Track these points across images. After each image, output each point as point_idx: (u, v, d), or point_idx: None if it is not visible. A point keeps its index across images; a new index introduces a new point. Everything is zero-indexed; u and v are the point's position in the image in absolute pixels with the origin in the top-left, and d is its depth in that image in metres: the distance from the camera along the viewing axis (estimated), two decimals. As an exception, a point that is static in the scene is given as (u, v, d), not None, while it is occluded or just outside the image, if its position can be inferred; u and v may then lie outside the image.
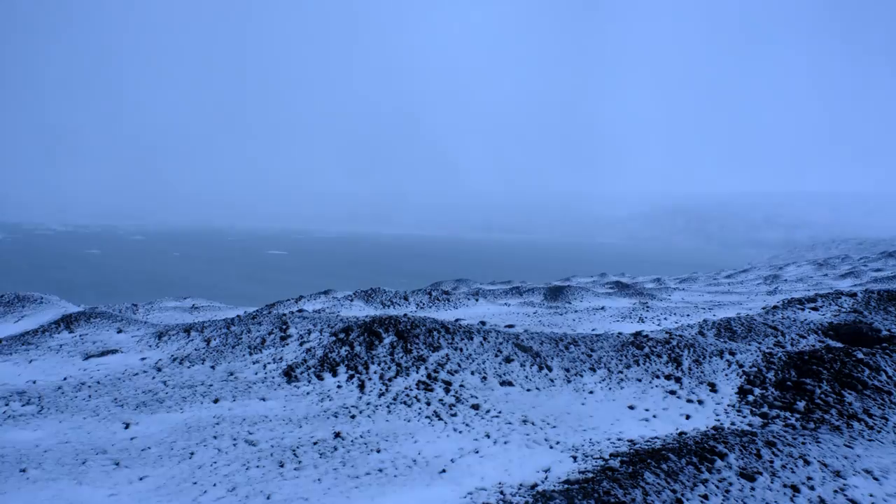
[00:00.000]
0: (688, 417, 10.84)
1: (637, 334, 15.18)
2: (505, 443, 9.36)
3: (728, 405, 11.30)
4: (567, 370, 12.79)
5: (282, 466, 8.16)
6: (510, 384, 12.21)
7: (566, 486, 7.38)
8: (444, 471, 8.24)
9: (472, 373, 12.49)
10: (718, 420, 10.72)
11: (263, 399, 11.56)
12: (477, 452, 8.98)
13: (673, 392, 11.92)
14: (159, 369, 13.68)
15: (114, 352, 15.42)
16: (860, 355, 11.80)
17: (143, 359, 14.67)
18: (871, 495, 7.06)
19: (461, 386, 11.92)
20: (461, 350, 13.33)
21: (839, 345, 15.25)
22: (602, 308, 28.18)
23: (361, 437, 9.53)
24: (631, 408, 11.29)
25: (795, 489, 6.90)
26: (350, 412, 10.86)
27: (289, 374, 13.02)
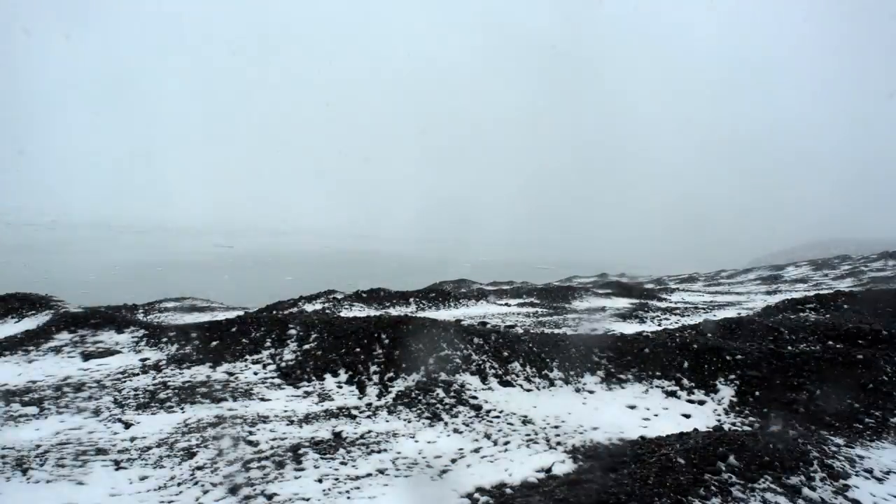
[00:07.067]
0: (688, 417, 10.86)
1: (637, 335, 15.18)
2: (505, 443, 9.37)
3: (728, 405, 11.32)
4: (567, 370, 12.80)
5: (282, 467, 8.16)
6: (510, 385, 12.22)
7: (567, 486, 7.38)
8: (444, 471, 8.25)
9: (472, 373, 12.50)
10: (719, 420, 10.74)
11: (264, 399, 11.56)
12: (477, 453, 8.99)
13: (673, 392, 11.93)
14: (159, 370, 13.68)
15: (114, 352, 15.41)
16: (860, 355, 11.82)
17: (142, 359, 14.66)
18: (872, 495, 7.07)
19: (461, 386, 11.92)
20: (461, 350, 13.33)
21: (839, 345, 15.25)
22: (602, 308, 28.23)
23: (362, 437, 9.53)
24: (631, 408, 11.30)
25: (796, 490, 6.91)
26: (350, 412, 10.87)
27: (289, 375, 13.01)
